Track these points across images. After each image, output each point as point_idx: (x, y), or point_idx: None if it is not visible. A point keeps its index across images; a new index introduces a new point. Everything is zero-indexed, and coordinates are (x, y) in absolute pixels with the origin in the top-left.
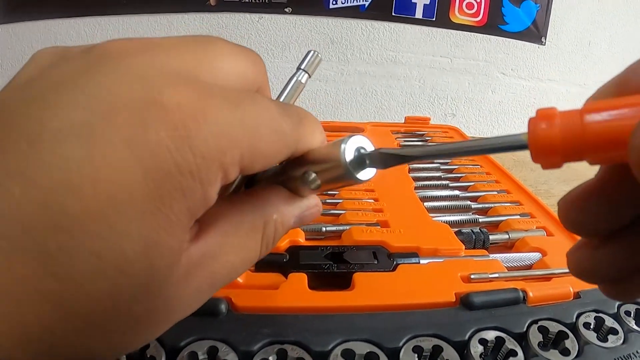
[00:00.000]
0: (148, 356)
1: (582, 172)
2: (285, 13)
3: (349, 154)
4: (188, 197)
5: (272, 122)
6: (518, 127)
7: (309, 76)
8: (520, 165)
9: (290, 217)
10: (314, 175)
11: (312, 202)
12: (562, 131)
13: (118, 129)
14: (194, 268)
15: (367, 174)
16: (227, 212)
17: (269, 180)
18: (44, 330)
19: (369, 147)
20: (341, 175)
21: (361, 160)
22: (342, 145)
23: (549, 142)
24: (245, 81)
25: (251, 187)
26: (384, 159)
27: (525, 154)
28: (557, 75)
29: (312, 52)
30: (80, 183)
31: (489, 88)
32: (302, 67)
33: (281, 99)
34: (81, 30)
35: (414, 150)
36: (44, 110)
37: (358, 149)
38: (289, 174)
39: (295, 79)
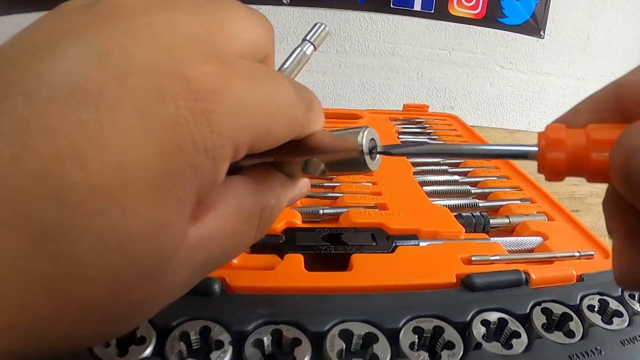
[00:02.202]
0: (138, 337)
1: None
2: (283, 4)
3: (365, 145)
4: (199, 176)
5: (288, 106)
6: (516, 120)
7: (315, 48)
8: None
9: (285, 201)
10: (318, 161)
11: (303, 183)
12: (569, 152)
13: (132, 95)
14: (191, 251)
15: (376, 163)
16: (226, 195)
17: (255, 160)
18: (33, 318)
19: (378, 139)
20: (354, 165)
21: (374, 152)
22: (361, 136)
23: (556, 163)
24: (258, 49)
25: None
26: (395, 152)
27: (526, 143)
28: (556, 69)
29: (319, 24)
30: (85, 151)
31: (487, 81)
32: (308, 38)
33: (284, 70)
34: None
35: (427, 148)
36: (44, 63)
37: (371, 141)
38: (287, 158)
39: (300, 49)
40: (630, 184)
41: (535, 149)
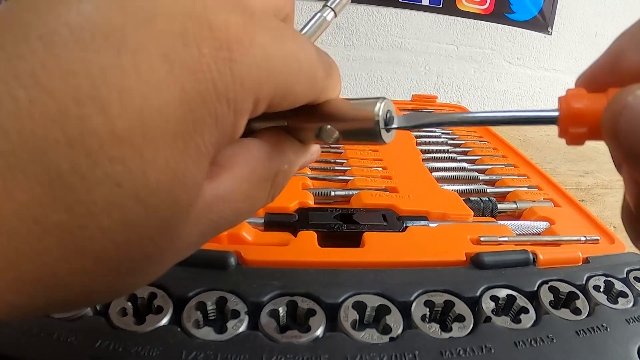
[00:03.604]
0: (155, 306)
1: (588, 154)
2: None
3: (382, 116)
4: (220, 127)
5: (310, 66)
6: None
7: (335, 15)
8: (526, 145)
9: (297, 167)
10: (332, 129)
11: (314, 149)
12: (590, 113)
13: (156, 39)
14: (206, 208)
15: (390, 136)
16: (243, 157)
17: (266, 123)
18: (44, 271)
19: (394, 111)
20: (368, 135)
21: (389, 124)
22: (378, 106)
23: (578, 121)
24: (279, 8)
25: (249, 128)
26: (412, 124)
27: (532, 135)
28: (563, 65)
29: None
30: (106, 94)
31: (495, 76)
32: (329, 4)
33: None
34: None
35: (444, 117)
36: (63, 5)
37: (387, 112)
38: (301, 124)
39: (320, 15)
40: (619, 141)
41: (556, 114)
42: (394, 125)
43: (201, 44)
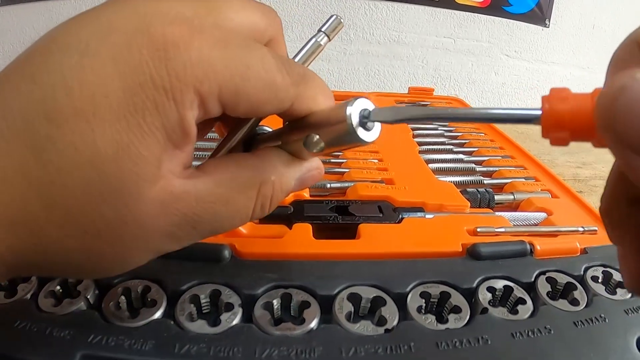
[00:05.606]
0: (149, 300)
1: (586, 145)
2: None
3: (354, 116)
4: (161, 112)
5: (263, 70)
6: None
7: (329, 39)
8: (523, 136)
9: (291, 180)
10: (317, 137)
11: (313, 165)
12: (572, 114)
13: (108, 47)
14: (174, 199)
15: (372, 135)
16: (225, 165)
17: (268, 143)
18: (27, 214)
19: (373, 109)
20: (346, 137)
21: (366, 122)
22: (348, 107)
23: (560, 122)
24: (254, 32)
25: (250, 149)
26: (390, 120)
27: (529, 127)
28: (561, 58)
29: (334, 16)
30: (71, 84)
31: (492, 70)
32: (323, 29)
33: (297, 59)
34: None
35: (421, 111)
36: (58, 31)
37: (363, 111)
38: (290, 137)
39: (314, 40)
40: (617, 129)
41: (539, 112)
42: (372, 123)
43: (142, 48)
